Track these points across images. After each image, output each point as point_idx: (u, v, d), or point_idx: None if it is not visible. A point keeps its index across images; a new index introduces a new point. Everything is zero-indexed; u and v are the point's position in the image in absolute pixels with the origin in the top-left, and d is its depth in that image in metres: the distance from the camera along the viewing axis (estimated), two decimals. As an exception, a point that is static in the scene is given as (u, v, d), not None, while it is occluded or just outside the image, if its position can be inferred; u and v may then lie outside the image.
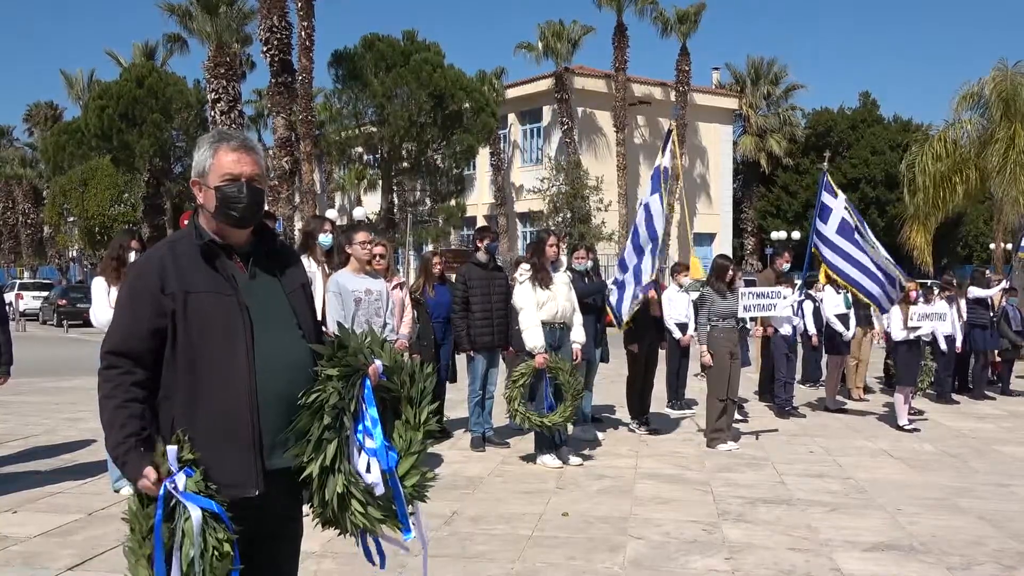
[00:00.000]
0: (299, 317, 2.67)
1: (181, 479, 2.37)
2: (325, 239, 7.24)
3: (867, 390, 12.68)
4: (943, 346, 12.15)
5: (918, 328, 9.97)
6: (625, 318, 9.04)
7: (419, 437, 2.86)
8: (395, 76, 30.97)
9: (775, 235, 41.52)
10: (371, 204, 37.33)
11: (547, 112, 40.23)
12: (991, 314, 13.08)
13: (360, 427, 2.81)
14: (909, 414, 10.65)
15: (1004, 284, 13.52)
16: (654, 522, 5.95)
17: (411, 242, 31.34)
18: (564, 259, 8.57)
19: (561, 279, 7.85)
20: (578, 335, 7.75)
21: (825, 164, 10.75)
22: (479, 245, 8.47)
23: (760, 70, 47.61)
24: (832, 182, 10.48)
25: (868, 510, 6.41)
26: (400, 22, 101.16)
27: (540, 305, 7.58)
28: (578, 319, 7.85)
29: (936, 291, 13.29)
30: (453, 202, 35.10)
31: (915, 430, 9.87)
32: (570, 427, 8.79)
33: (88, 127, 37.08)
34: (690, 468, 7.75)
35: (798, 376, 12.05)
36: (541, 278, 7.66)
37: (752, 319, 10.12)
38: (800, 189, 45.78)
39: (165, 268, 2.49)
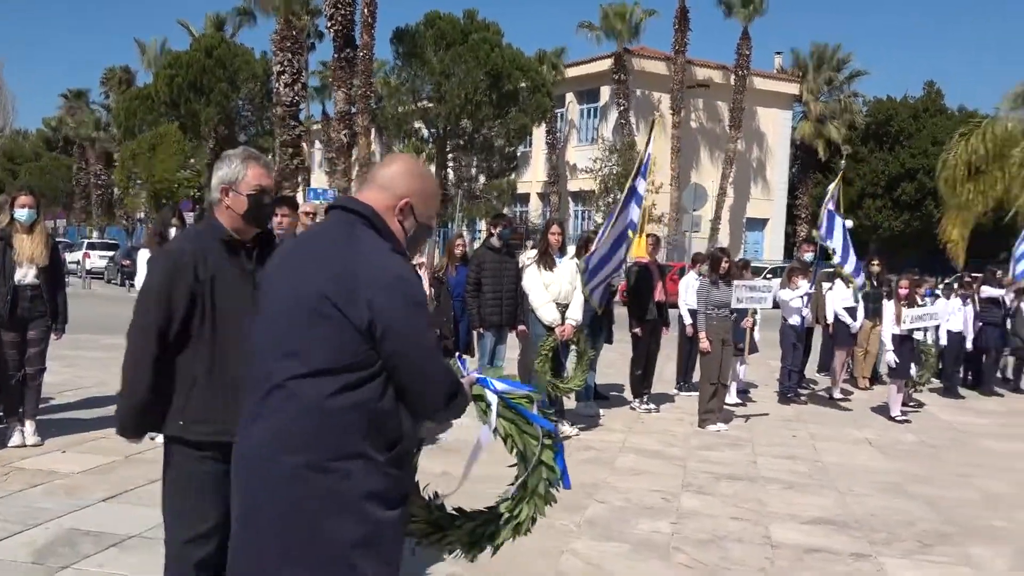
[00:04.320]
0: None
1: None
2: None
3: (875, 380, 13.14)
4: (943, 341, 12.58)
5: (912, 327, 10.46)
6: (596, 305, 9.44)
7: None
8: (453, 54, 31.72)
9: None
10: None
11: (605, 92, 40.61)
12: (1003, 312, 13.40)
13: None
14: (908, 405, 11.18)
15: (1019, 284, 13.80)
16: (620, 489, 6.66)
17: (461, 217, 32.14)
18: (572, 247, 9.29)
19: (567, 264, 8.57)
20: (573, 313, 8.44)
21: (835, 183, 11.35)
22: (492, 232, 9.19)
23: (823, 56, 47.21)
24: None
25: (823, 490, 7.03)
26: (463, 1, 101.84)
27: (546, 286, 8.36)
28: (578, 299, 8.54)
29: (955, 287, 13.72)
30: (506, 180, 35.83)
31: (905, 421, 10.38)
32: (573, 401, 9.55)
33: (158, 94, 38.56)
34: (674, 445, 8.42)
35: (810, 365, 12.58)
36: (546, 261, 8.41)
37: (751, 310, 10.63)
38: (856, 177, 45.45)
39: (195, 257, 3.14)
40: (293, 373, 2.31)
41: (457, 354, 3.03)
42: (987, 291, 13.48)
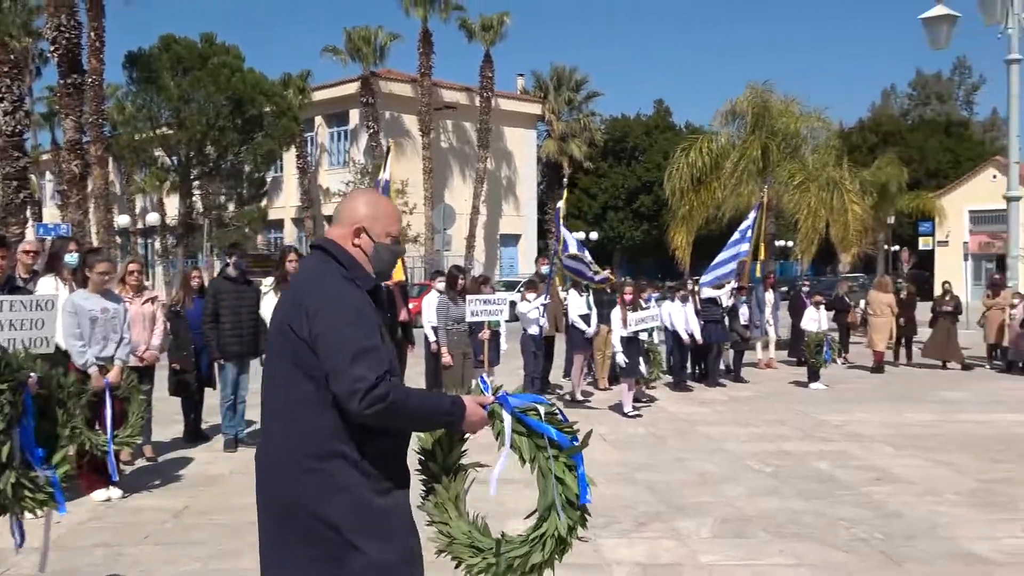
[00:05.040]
0: None
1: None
2: (71, 259, 7.74)
3: (614, 381, 14.08)
4: (685, 339, 13.75)
5: (636, 329, 11.38)
6: None
7: (66, 432, 3.63)
8: (192, 79, 30.75)
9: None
10: (173, 207, 36.73)
11: (354, 115, 40.68)
12: (720, 311, 14.78)
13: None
14: (642, 401, 12.10)
15: (733, 284, 15.27)
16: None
17: (209, 247, 31.16)
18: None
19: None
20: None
21: (562, 202, 12.11)
22: (228, 261, 9.13)
23: (563, 77, 49.81)
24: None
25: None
26: (203, 24, 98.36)
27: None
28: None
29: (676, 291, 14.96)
30: (257, 206, 35.06)
31: (637, 415, 11.25)
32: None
33: None
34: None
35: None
36: (284, 289, 8.45)
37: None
38: (600, 191, 48.22)
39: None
40: (278, 388, 2.73)
41: (481, 376, 3.05)
42: (706, 292, 14.81)
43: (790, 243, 33.44)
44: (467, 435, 2.89)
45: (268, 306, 8.42)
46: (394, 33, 39.68)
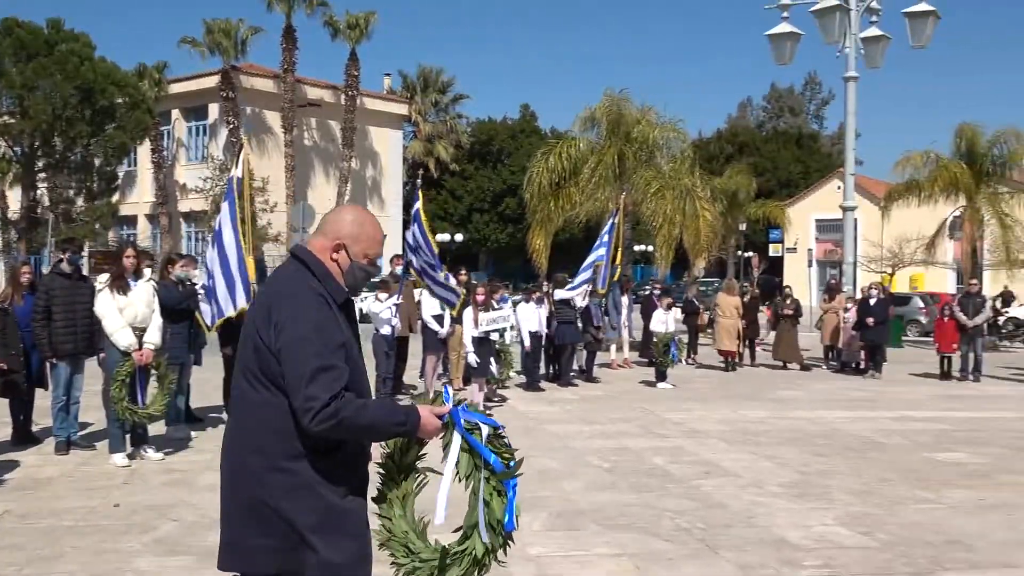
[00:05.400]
0: None
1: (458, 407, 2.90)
2: None
3: (468, 381, 14.20)
4: (527, 342, 13.98)
5: (487, 329, 11.54)
6: (211, 324, 9.67)
7: None
8: (37, 66, 29.19)
9: (440, 237, 43.66)
10: (16, 201, 34.82)
11: (213, 109, 39.57)
12: (574, 312, 15.12)
13: None
14: (493, 401, 12.26)
15: (587, 288, 15.65)
16: (197, 506, 6.71)
17: (54, 243, 29.70)
18: (183, 271, 9.31)
19: (143, 287, 8.41)
20: (151, 337, 8.32)
21: (419, 203, 12.07)
22: (62, 256, 8.77)
23: (429, 78, 49.86)
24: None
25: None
26: (49, 9, 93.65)
27: (120, 310, 8.13)
28: (156, 322, 8.43)
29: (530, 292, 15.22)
30: (107, 201, 33.61)
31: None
32: (164, 426, 9.36)
33: None
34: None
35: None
36: (119, 285, 8.19)
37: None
38: (465, 194, 48.44)
39: None
40: (247, 390, 2.83)
41: (444, 385, 3.13)
42: (559, 294, 15.12)
43: (650, 247, 34.51)
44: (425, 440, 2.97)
45: (103, 303, 8.12)
46: (256, 27, 38.91)
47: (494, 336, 12.08)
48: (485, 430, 2.84)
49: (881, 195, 31.56)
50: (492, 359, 11.91)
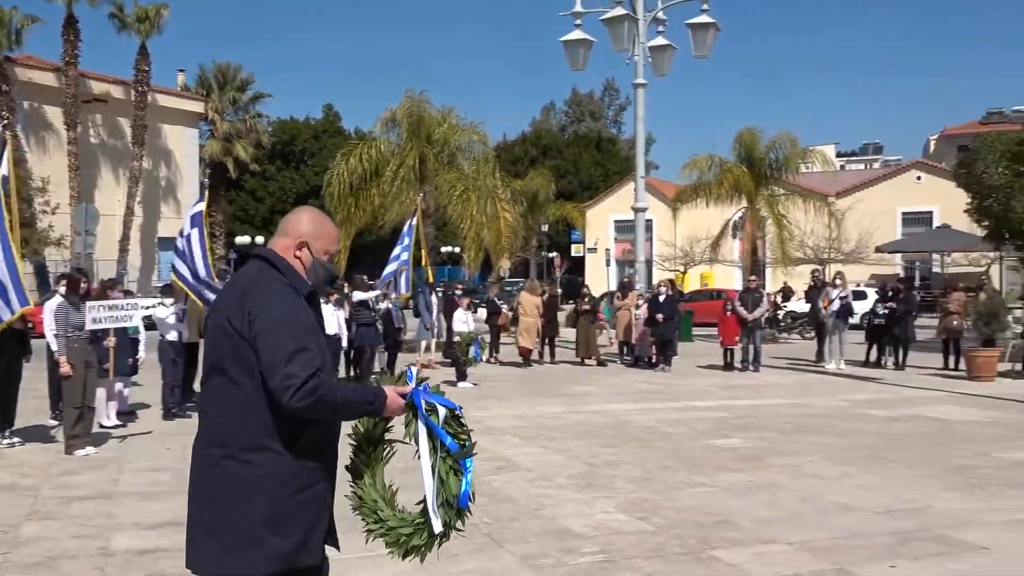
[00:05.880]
0: None
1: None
2: None
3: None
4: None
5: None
6: None
7: None
8: None
9: (240, 239, 42.31)
10: None
11: (-14, 104, 36.57)
12: (373, 314, 15.03)
13: None
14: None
15: (384, 290, 15.61)
16: (-50, 531, 6.20)
17: None
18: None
19: None
20: None
21: (202, 203, 11.64)
22: None
23: (227, 75, 48.10)
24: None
25: (179, 496, 7.24)
26: None
27: None
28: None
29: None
30: None
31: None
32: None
33: None
34: (30, 476, 8.03)
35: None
36: None
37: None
38: (267, 195, 47.14)
39: None
40: (219, 383, 2.93)
41: (408, 365, 3.37)
42: (358, 296, 14.98)
43: (458, 249, 34.84)
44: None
45: None
46: (32, 16, 36.26)
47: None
48: (443, 412, 3.00)
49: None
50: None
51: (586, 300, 19.72)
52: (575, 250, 49.61)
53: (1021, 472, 8.21)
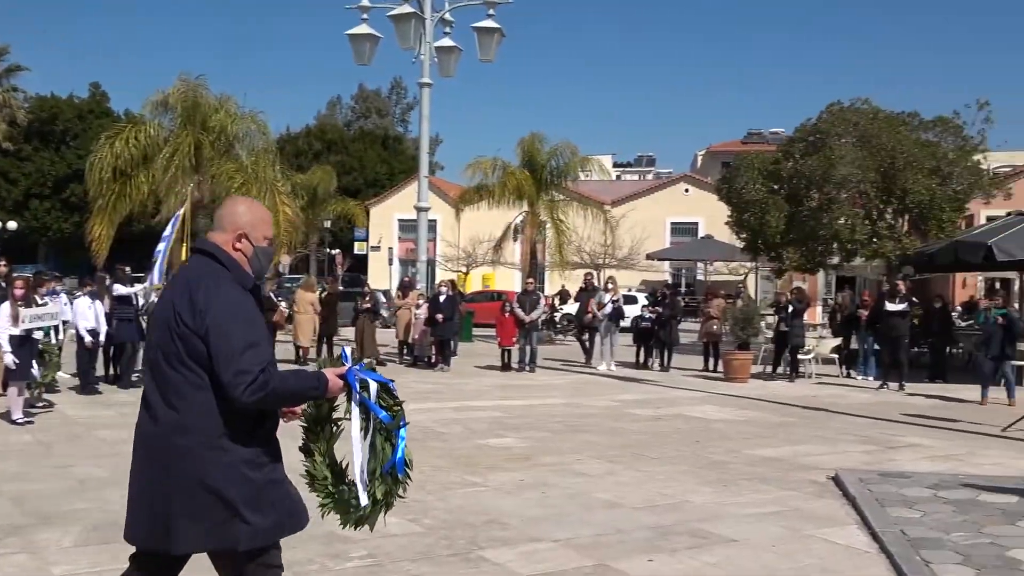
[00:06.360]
0: None
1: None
2: None
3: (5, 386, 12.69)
4: (87, 340, 12.83)
5: (30, 327, 10.41)
6: None
7: None
8: None
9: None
10: None
11: None
12: (134, 309, 14.11)
13: None
14: (38, 406, 11.07)
15: (147, 285, 14.72)
16: None
17: None
18: None
19: None
20: None
21: None
22: None
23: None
24: None
25: None
26: None
27: None
28: None
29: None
30: None
31: (29, 423, 10.25)
32: None
33: None
34: None
35: None
36: None
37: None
38: (22, 176, 43.50)
39: None
40: (171, 374, 3.04)
41: (343, 348, 3.59)
42: (119, 289, 14.03)
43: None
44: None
45: None
46: None
47: (38, 335, 10.86)
48: (374, 387, 3.24)
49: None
50: (34, 360, 10.69)
51: (367, 298, 19.46)
52: (358, 248, 48.98)
53: (767, 467, 8.80)
